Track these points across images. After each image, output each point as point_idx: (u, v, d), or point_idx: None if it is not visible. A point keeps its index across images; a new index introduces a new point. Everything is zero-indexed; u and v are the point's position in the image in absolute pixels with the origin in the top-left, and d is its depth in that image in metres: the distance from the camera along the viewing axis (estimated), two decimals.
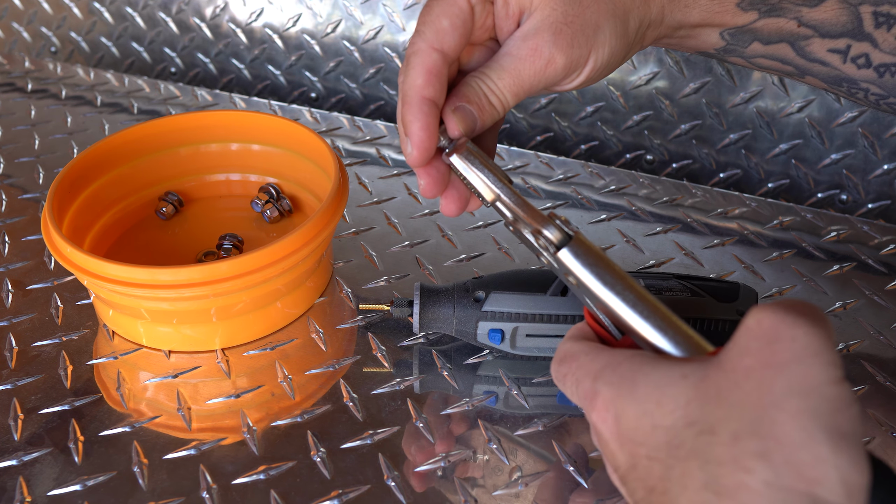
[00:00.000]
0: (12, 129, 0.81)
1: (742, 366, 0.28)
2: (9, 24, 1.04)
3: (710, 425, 0.29)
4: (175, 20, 0.95)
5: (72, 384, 0.53)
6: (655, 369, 0.32)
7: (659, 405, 0.30)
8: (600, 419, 0.33)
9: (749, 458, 0.27)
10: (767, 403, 0.27)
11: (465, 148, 0.39)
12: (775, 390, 0.27)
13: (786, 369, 0.27)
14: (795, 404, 0.27)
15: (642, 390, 0.31)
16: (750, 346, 0.29)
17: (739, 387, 0.28)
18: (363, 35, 0.87)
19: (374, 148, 0.77)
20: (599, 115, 0.80)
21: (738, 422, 0.28)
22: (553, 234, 0.38)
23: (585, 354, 0.35)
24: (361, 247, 0.64)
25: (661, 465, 0.30)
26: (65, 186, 0.57)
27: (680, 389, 0.30)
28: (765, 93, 0.73)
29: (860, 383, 0.51)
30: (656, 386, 0.31)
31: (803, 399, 0.27)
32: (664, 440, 0.30)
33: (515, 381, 0.52)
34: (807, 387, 0.27)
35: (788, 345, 0.28)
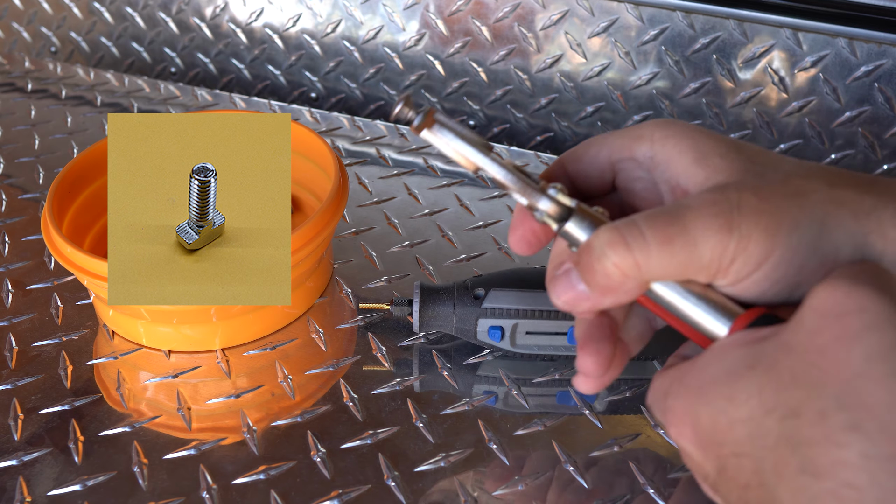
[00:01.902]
0: (12, 129, 0.81)
1: (814, 345, 0.28)
2: (9, 24, 1.03)
3: (792, 408, 0.28)
4: (175, 20, 0.95)
5: (72, 384, 0.53)
6: (718, 367, 0.31)
7: (731, 400, 0.29)
8: (679, 434, 0.32)
9: (841, 433, 0.26)
10: (850, 375, 0.26)
11: (434, 121, 0.35)
12: (854, 361, 0.27)
13: (861, 338, 0.27)
14: (879, 369, 0.26)
15: (710, 391, 0.30)
16: (819, 324, 0.28)
17: (816, 366, 0.27)
18: (363, 35, 0.87)
19: (374, 148, 0.77)
20: (599, 115, 0.80)
21: (822, 399, 0.27)
22: (548, 207, 0.34)
23: (656, 379, 0.34)
24: (361, 247, 0.64)
25: (751, 459, 0.29)
26: (65, 186, 0.57)
27: (750, 380, 0.29)
28: (765, 93, 0.73)
29: None
30: (724, 383, 0.30)
31: (885, 363, 0.26)
32: (745, 433, 0.29)
33: (515, 382, 0.52)
34: (886, 350, 0.26)
35: (858, 316, 0.27)
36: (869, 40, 0.68)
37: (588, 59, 0.78)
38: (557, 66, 0.80)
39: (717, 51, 0.73)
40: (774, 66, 0.72)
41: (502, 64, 0.82)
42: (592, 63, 0.78)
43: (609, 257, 0.32)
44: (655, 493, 0.45)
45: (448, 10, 0.82)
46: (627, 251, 0.31)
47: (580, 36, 0.78)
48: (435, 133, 0.34)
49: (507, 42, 0.81)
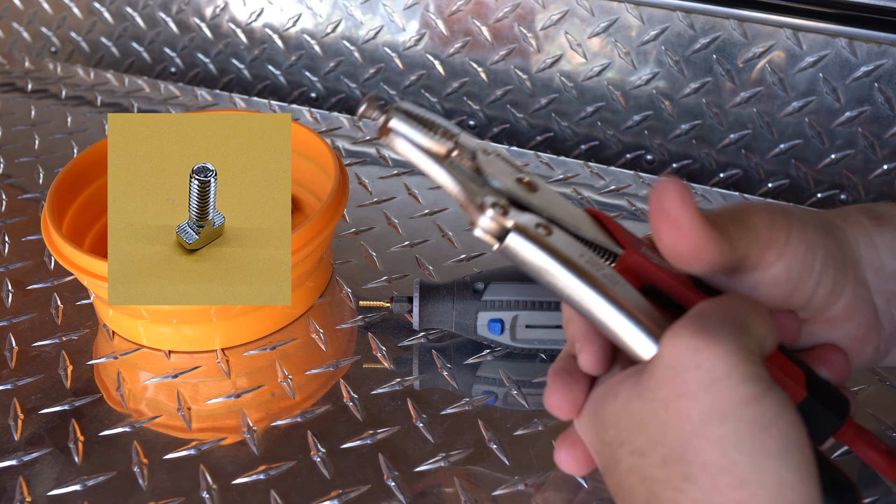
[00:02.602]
0: (12, 129, 0.81)
1: (659, 396, 0.29)
2: (9, 24, 1.03)
3: (640, 448, 0.30)
4: (175, 20, 0.95)
5: (72, 384, 0.53)
6: (601, 388, 0.33)
7: (602, 421, 0.32)
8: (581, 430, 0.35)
9: (679, 480, 0.29)
10: (688, 433, 0.28)
11: (388, 130, 0.32)
12: (693, 419, 0.28)
13: (699, 398, 0.28)
14: (714, 432, 0.28)
15: (591, 407, 0.33)
16: (663, 376, 0.29)
17: (659, 417, 0.29)
18: (363, 35, 0.87)
19: (374, 148, 0.77)
20: (599, 115, 0.80)
21: (664, 448, 0.29)
22: (488, 225, 0.31)
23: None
24: (361, 247, 0.64)
25: (613, 477, 0.32)
26: (65, 186, 0.57)
27: (611, 409, 0.31)
28: (765, 93, 0.73)
29: (860, 383, 0.51)
30: (599, 403, 0.32)
31: (720, 425, 0.28)
32: (608, 454, 0.32)
33: (515, 382, 0.52)
34: (722, 412, 0.28)
35: (694, 373, 0.28)
36: (869, 40, 0.68)
37: (588, 59, 0.78)
38: (557, 66, 0.80)
39: (717, 51, 0.73)
40: (774, 66, 0.72)
41: (502, 64, 0.82)
42: (592, 63, 0.78)
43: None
44: None
45: (448, 10, 0.82)
46: None
47: (580, 36, 0.78)
48: (392, 142, 0.32)
49: (507, 42, 0.81)
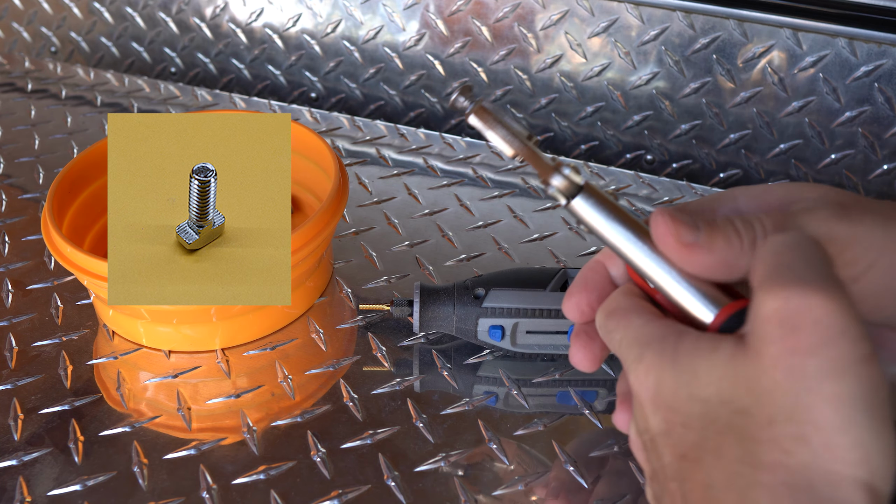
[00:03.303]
0: (12, 129, 0.81)
1: (768, 353, 0.28)
2: (9, 24, 1.03)
3: (744, 407, 0.29)
4: (175, 20, 0.95)
5: (72, 384, 0.53)
6: (693, 341, 0.32)
7: (695, 376, 0.30)
8: (639, 382, 0.33)
9: (787, 441, 0.27)
10: (801, 389, 0.27)
11: (482, 109, 0.38)
12: (807, 375, 0.27)
13: (815, 353, 0.27)
14: (830, 388, 0.27)
15: (682, 360, 0.31)
16: (772, 334, 0.28)
17: (768, 374, 0.28)
18: (363, 35, 0.87)
19: (374, 148, 0.77)
20: (599, 115, 0.80)
21: (773, 407, 0.28)
22: (560, 182, 0.36)
23: (638, 317, 0.34)
24: (361, 247, 0.64)
25: (696, 435, 0.30)
26: (65, 186, 0.57)
27: (712, 363, 0.30)
28: (765, 93, 0.73)
29: None
30: (693, 357, 0.31)
31: (837, 382, 0.27)
32: (700, 411, 0.30)
33: (515, 382, 0.52)
34: (839, 368, 0.27)
35: (812, 328, 0.27)
36: (869, 40, 0.68)
37: (588, 59, 0.78)
38: (557, 66, 0.80)
39: (717, 51, 0.73)
40: (774, 66, 0.72)
41: (502, 64, 0.82)
42: (592, 63, 0.78)
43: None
44: None
45: (448, 10, 0.82)
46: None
47: (580, 36, 0.78)
48: (479, 119, 0.37)
49: (507, 42, 0.81)
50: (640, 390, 0.33)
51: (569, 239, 0.64)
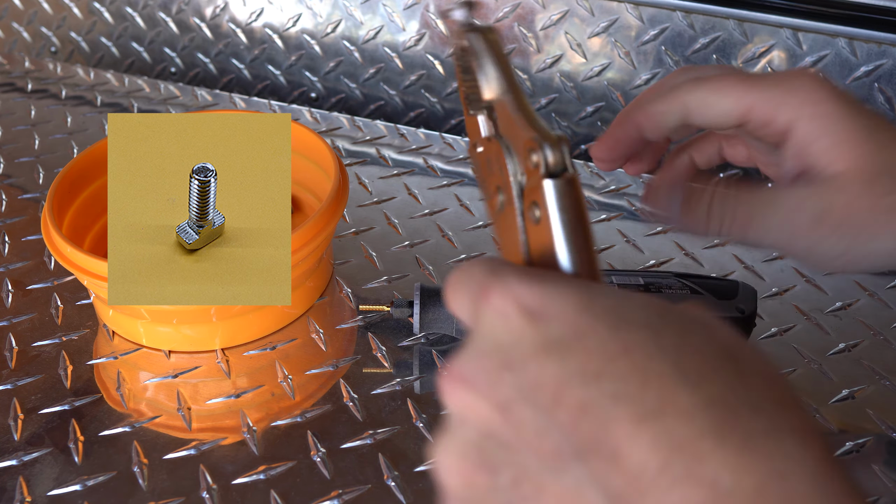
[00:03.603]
0: (12, 129, 0.81)
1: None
2: (9, 24, 1.03)
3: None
4: (175, 20, 0.95)
5: (72, 384, 0.53)
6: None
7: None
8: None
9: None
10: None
11: (492, 33, 0.33)
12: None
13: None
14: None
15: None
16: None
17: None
18: (363, 35, 0.87)
19: (374, 148, 0.77)
20: (599, 115, 0.80)
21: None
22: (551, 157, 0.30)
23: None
24: (361, 247, 0.64)
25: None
26: (65, 186, 0.57)
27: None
28: None
29: (860, 383, 0.51)
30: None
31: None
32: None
33: None
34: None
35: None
36: (869, 40, 0.68)
37: (588, 59, 0.78)
38: (557, 66, 0.80)
39: (717, 51, 0.73)
40: (774, 66, 0.72)
41: None
42: (592, 63, 0.78)
43: None
44: None
45: None
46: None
47: (580, 36, 0.78)
48: (479, 42, 0.34)
49: (507, 42, 0.81)
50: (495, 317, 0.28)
51: None
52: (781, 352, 0.54)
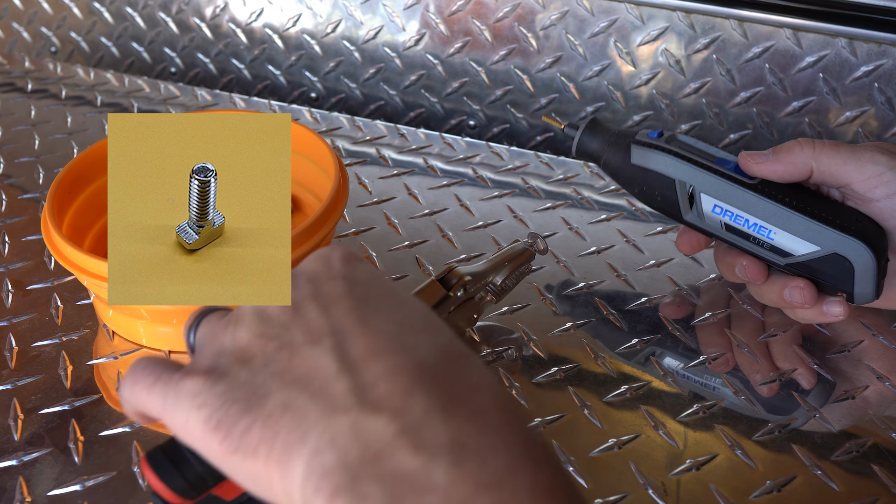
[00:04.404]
0: (12, 129, 0.81)
1: None
2: (9, 24, 1.04)
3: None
4: (175, 20, 0.95)
5: (72, 384, 0.53)
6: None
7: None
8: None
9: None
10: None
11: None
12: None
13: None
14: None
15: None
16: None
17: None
18: (363, 35, 0.87)
19: (374, 148, 0.77)
20: (599, 114, 0.80)
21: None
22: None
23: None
24: (361, 247, 0.64)
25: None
26: (65, 186, 0.57)
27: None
28: (765, 93, 0.73)
29: (860, 384, 0.51)
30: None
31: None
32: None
33: (516, 382, 0.52)
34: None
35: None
36: (869, 40, 0.68)
37: (588, 59, 0.78)
38: (557, 66, 0.80)
39: (717, 51, 0.73)
40: (774, 66, 0.72)
41: (502, 64, 0.82)
42: (592, 63, 0.78)
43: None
44: (655, 493, 0.45)
45: (448, 10, 0.82)
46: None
47: (580, 36, 0.78)
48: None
49: (507, 42, 0.81)
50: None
51: (569, 239, 0.64)
52: (782, 352, 0.54)
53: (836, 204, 0.51)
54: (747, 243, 0.51)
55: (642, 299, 0.58)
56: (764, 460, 0.47)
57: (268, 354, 0.31)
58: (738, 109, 0.75)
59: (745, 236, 0.51)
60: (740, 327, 0.55)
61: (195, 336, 0.35)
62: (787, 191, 0.50)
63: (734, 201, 0.51)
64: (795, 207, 0.49)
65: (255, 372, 0.31)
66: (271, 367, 0.30)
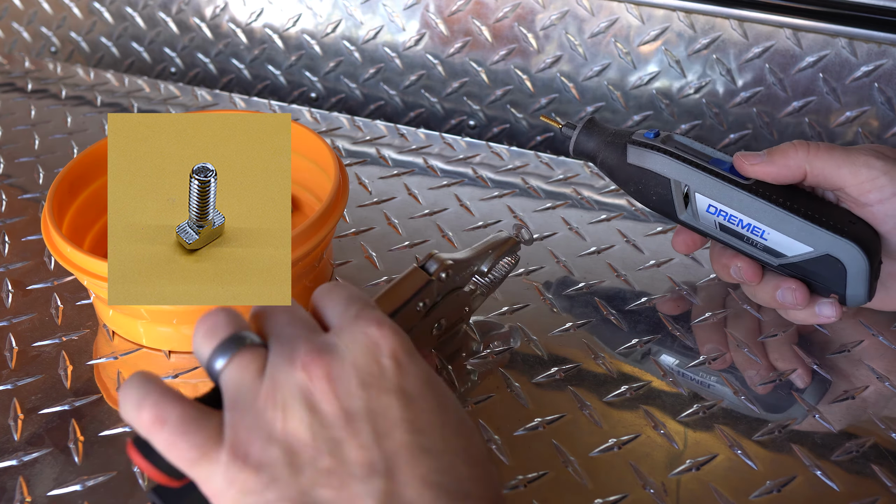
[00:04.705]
0: (12, 129, 0.81)
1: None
2: (9, 24, 1.04)
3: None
4: (175, 20, 0.95)
5: (72, 384, 0.53)
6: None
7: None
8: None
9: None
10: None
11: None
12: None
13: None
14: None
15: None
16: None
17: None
18: (363, 35, 0.87)
19: (374, 148, 0.77)
20: (599, 115, 0.80)
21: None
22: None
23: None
24: (361, 247, 0.64)
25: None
26: (65, 186, 0.57)
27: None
28: (765, 93, 0.73)
29: (860, 384, 0.51)
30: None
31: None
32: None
33: (516, 381, 0.52)
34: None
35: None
36: (869, 40, 0.68)
37: (588, 59, 0.78)
38: (557, 66, 0.80)
39: (717, 51, 0.73)
40: (774, 66, 0.72)
41: (502, 64, 0.82)
42: (592, 63, 0.78)
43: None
44: (655, 493, 0.45)
45: (448, 10, 0.82)
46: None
47: (580, 36, 0.78)
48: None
49: (507, 42, 0.81)
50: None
51: (569, 239, 0.64)
52: (781, 352, 0.54)
53: (829, 205, 0.51)
54: (741, 243, 0.52)
55: (642, 299, 0.58)
56: (764, 460, 0.47)
57: (318, 471, 0.32)
58: (738, 109, 0.75)
59: (738, 236, 0.51)
60: (739, 327, 0.56)
61: (222, 373, 0.35)
62: (782, 192, 0.50)
63: (728, 201, 0.51)
64: (789, 208, 0.49)
65: (305, 490, 0.32)
66: (319, 491, 0.32)
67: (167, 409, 0.33)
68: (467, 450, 0.34)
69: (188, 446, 0.33)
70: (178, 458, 0.33)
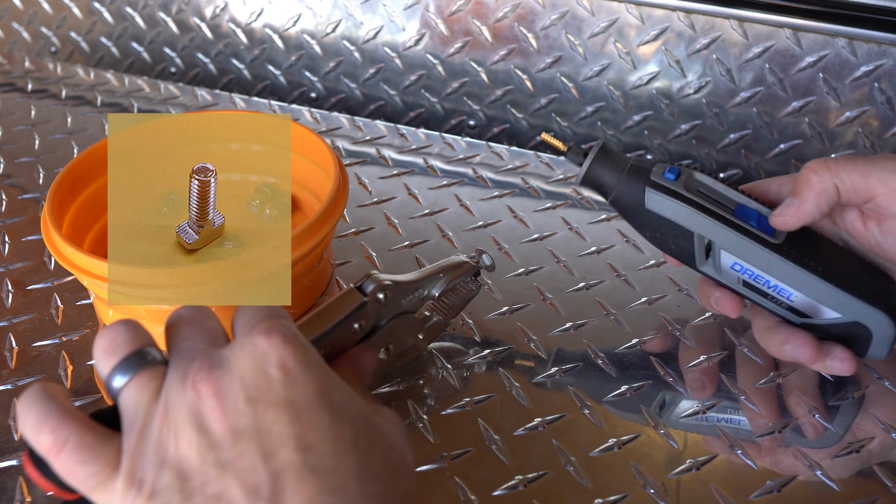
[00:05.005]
0: (12, 129, 0.81)
1: None
2: (9, 24, 1.04)
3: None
4: (175, 20, 0.95)
5: (72, 384, 0.53)
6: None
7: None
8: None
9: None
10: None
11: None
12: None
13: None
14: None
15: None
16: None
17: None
18: (363, 35, 0.87)
19: (374, 148, 0.77)
20: (599, 115, 0.80)
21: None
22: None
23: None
24: (361, 247, 0.64)
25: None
26: (65, 186, 0.57)
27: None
28: (765, 93, 0.73)
29: (860, 384, 0.51)
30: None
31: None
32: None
33: (516, 382, 0.52)
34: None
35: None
36: (869, 40, 0.68)
37: (588, 59, 0.78)
38: (557, 66, 0.80)
39: (717, 51, 0.73)
40: (774, 66, 0.72)
41: (502, 64, 0.82)
42: (592, 63, 0.78)
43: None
44: (655, 493, 0.45)
45: (448, 10, 0.82)
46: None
47: (580, 36, 0.78)
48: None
49: (507, 42, 0.81)
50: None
51: (569, 239, 0.65)
52: None
53: (859, 263, 0.48)
54: (764, 300, 0.49)
55: (642, 299, 0.58)
56: (764, 460, 0.47)
57: (207, 497, 0.31)
58: (738, 109, 0.75)
59: (763, 294, 0.49)
60: (739, 327, 0.56)
61: (120, 393, 0.34)
62: (812, 251, 0.48)
63: (756, 261, 0.48)
64: (820, 274, 0.47)
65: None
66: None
67: (66, 434, 0.32)
68: (364, 466, 0.33)
69: (85, 475, 0.32)
70: (76, 484, 0.32)
